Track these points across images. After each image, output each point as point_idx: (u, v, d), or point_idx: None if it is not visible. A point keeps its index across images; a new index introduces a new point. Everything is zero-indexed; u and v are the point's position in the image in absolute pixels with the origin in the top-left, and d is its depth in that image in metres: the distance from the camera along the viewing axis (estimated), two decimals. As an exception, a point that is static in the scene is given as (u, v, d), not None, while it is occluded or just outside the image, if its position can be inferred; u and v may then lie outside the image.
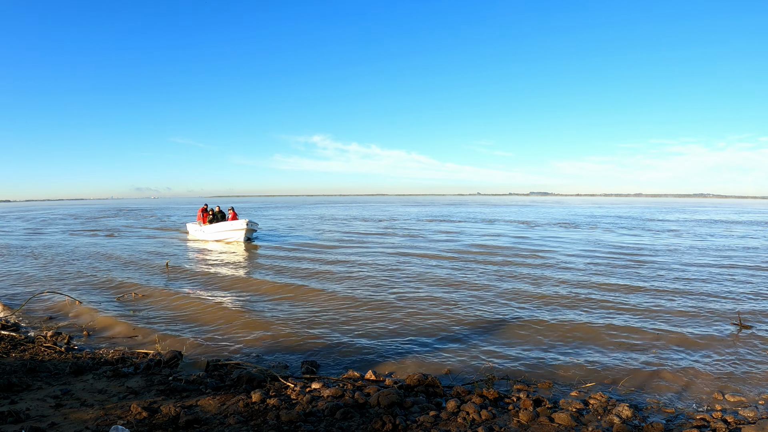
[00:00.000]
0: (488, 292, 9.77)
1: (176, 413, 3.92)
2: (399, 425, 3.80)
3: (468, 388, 4.88)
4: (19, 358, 5.63)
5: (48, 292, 9.76)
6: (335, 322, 7.65)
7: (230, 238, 19.63)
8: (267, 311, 8.46)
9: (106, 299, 9.53)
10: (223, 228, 19.78)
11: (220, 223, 20.16)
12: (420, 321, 7.70)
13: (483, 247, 17.62)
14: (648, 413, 4.43)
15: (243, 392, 4.55)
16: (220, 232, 19.87)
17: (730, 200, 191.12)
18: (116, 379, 4.93)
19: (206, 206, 22.38)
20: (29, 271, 13.20)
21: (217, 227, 19.99)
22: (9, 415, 3.74)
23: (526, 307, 8.58)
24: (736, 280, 11.11)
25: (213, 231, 20.21)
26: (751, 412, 4.34)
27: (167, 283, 11.13)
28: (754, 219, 36.95)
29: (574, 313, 8.13)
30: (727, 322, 7.51)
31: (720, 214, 44.56)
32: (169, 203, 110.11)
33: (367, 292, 9.86)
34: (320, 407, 4.14)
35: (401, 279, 11.33)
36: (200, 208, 22.40)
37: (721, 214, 46.15)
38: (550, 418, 4.11)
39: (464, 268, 12.78)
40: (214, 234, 20.14)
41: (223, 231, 19.77)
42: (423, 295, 9.53)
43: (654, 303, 8.78)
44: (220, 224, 19.93)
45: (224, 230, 19.71)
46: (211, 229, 20.35)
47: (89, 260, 15.20)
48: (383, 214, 45.31)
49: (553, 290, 9.90)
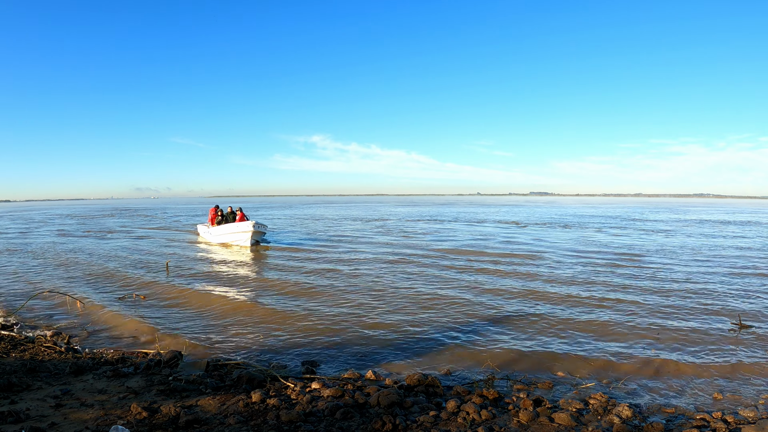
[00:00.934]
0: (487, 292, 9.77)
1: (176, 413, 3.92)
2: (399, 425, 3.80)
3: (468, 388, 4.88)
4: (19, 358, 5.62)
5: (48, 292, 9.76)
6: (335, 322, 7.64)
7: (236, 241, 18.35)
8: (267, 311, 8.46)
9: (107, 299, 9.53)
10: (228, 230, 18.53)
11: (225, 225, 18.88)
12: (419, 321, 7.70)
13: (475, 246, 17.63)
14: (648, 413, 4.43)
15: (243, 392, 4.55)
16: (225, 234, 18.68)
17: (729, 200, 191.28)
18: (116, 379, 4.93)
19: (217, 207, 20.88)
20: (29, 271, 13.20)
21: (222, 229, 18.77)
22: (9, 415, 3.74)
23: (525, 307, 8.57)
24: (735, 279, 11.11)
25: (218, 233, 19.08)
26: (751, 412, 4.34)
27: (167, 283, 11.12)
28: (745, 219, 36.98)
29: (574, 313, 8.13)
30: (727, 322, 7.51)
31: (713, 214, 44.60)
32: (169, 203, 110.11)
33: (365, 292, 9.86)
34: (320, 407, 4.14)
35: (400, 279, 11.33)
36: (211, 209, 21.03)
37: (714, 213, 46.19)
38: (550, 418, 4.12)
39: (462, 268, 12.78)
40: (219, 236, 19.04)
41: (228, 233, 18.53)
42: (421, 296, 9.53)
43: (653, 303, 8.78)
44: (226, 226, 18.70)
45: (229, 233, 18.43)
46: (216, 231, 19.18)
47: (89, 260, 15.19)
48: (376, 213, 45.34)
49: (553, 290, 9.91)
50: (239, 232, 18.01)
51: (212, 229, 19.66)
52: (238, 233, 18.03)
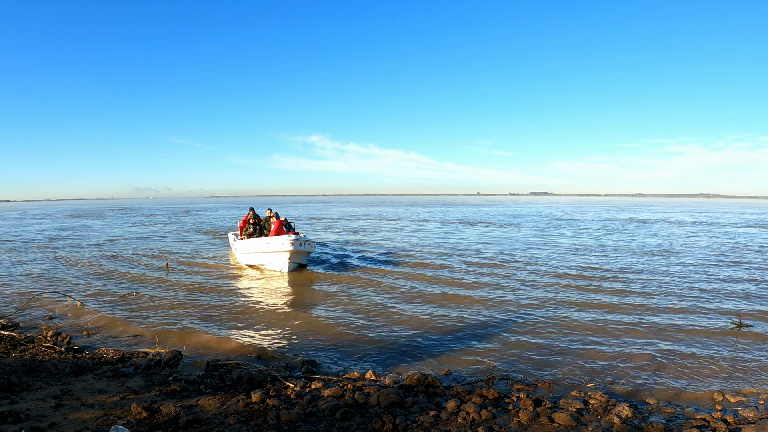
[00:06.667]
0: (486, 292, 9.77)
1: (176, 413, 3.92)
2: (399, 425, 3.80)
3: (468, 388, 4.88)
4: (19, 358, 5.62)
5: (48, 293, 9.76)
6: (335, 322, 7.64)
7: (268, 264, 12.86)
8: (266, 311, 8.46)
9: (107, 299, 9.53)
10: (256, 248, 12.78)
11: (256, 239, 12.95)
12: (419, 321, 7.70)
13: (472, 246, 17.62)
14: (648, 413, 4.43)
15: (243, 392, 4.55)
16: (253, 254, 13.05)
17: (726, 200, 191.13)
18: (116, 379, 4.93)
19: (252, 210, 14.97)
20: (29, 271, 13.20)
21: (250, 245, 12.99)
22: (9, 415, 3.74)
23: (525, 307, 8.57)
24: (735, 279, 11.10)
25: (245, 251, 13.35)
26: (751, 412, 4.33)
27: (167, 283, 11.12)
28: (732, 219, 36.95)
29: (574, 313, 8.13)
30: (726, 322, 7.50)
31: (715, 214, 44.58)
32: (169, 203, 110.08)
33: (364, 293, 9.86)
34: (320, 407, 4.14)
35: (398, 279, 11.33)
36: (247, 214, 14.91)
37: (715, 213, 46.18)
38: (550, 417, 4.11)
39: (459, 269, 12.77)
40: (247, 256, 13.36)
41: (256, 253, 12.90)
42: (420, 296, 9.53)
43: (653, 302, 8.77)
44: (255, 241, 12.82)
45: (259, 251, 12.77)
46: (243, 247, 13.42)
47: (90, 260, 15.19)
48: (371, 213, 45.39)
49: (552, 290, 9.90)
50: (272, 252, 12.46)
51: (238, 243, 13.98)
52: (270, 253, 12.52)
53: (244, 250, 13.37)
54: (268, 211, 14.27)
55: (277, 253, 12.27)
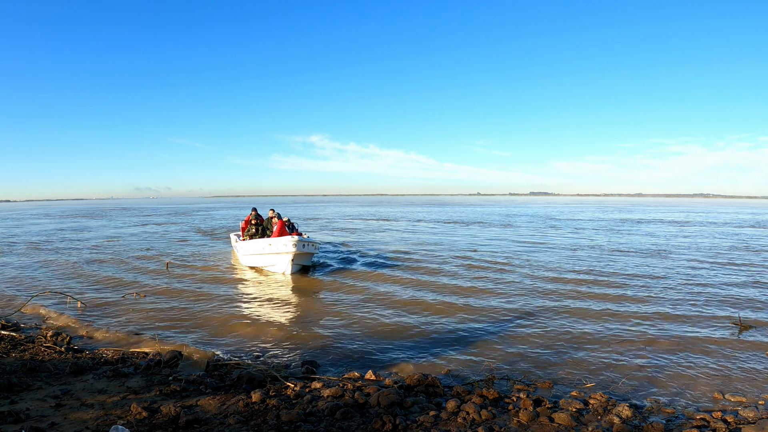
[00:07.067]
0: (485, 292, 9.77)
1: (176, 413, 3.92)
2: (399, 425, 3.80)
3: (468, 388, 4.88)
4: (19, 358, 5.62)
5: (49, 292, 9.76)
6: (335, 323, 7.64)
7: (270, 266, 12.68)
8: (267, 311, 8.46)
9: (107, 299, 9.52)
10: (258, 249, 12.62)
11: (257, 240, 12.90)
12: (419, 321, 7.70)
13: (469, 246, 17.63)
14: (648, 413, 4.43)
15: (243, 392, 4.55)
16: (254, 255, 12.86)
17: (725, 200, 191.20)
18: (116, 379, 4.93)
19: (255, 210, 14.86)
20: (29, 271, 13.20)
21: (251, 247, 12.88)
22: (9, 415, 3.74)
23: (525, 307, 8.57)
24: (735, 279, 11.11)
25: (246, 252, 13.22)
26: (751, 412, 4.34)
27: (167, 283, 11.12)
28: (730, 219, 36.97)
29: (574, 313, 8.13)
30: (726, 323, 7.51)
31: (721, 213, 44.61)
32: (169, 203, 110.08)
33: (364, 293, 9.86)
34: (320, 407, 4.14)
35: (397, 280, 11.33)
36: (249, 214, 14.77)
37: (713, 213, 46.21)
38: (550, 417, 4.11)
39: (456, 272, 12.78)
40: (248, 257, 13.21)
41: (258, 254, 12.71)
42: (419, 296, 9.52)
43: (652, 302, 8.77)
44: (257, 242, 12.71)
45: (260, 252, 12.58)
46: (244, 248, 13.33)
47: (89, 260, 15.19)
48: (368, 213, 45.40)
49: (551, 290, 9.90)
50: (274, 254, 12.26)
51: (240, 244, 13.88)
52: (273, 255, 12.30)
53: (245, 251, 13.21)
54: (271, 212, 14.13)
55: (280, 255, 12.07)
